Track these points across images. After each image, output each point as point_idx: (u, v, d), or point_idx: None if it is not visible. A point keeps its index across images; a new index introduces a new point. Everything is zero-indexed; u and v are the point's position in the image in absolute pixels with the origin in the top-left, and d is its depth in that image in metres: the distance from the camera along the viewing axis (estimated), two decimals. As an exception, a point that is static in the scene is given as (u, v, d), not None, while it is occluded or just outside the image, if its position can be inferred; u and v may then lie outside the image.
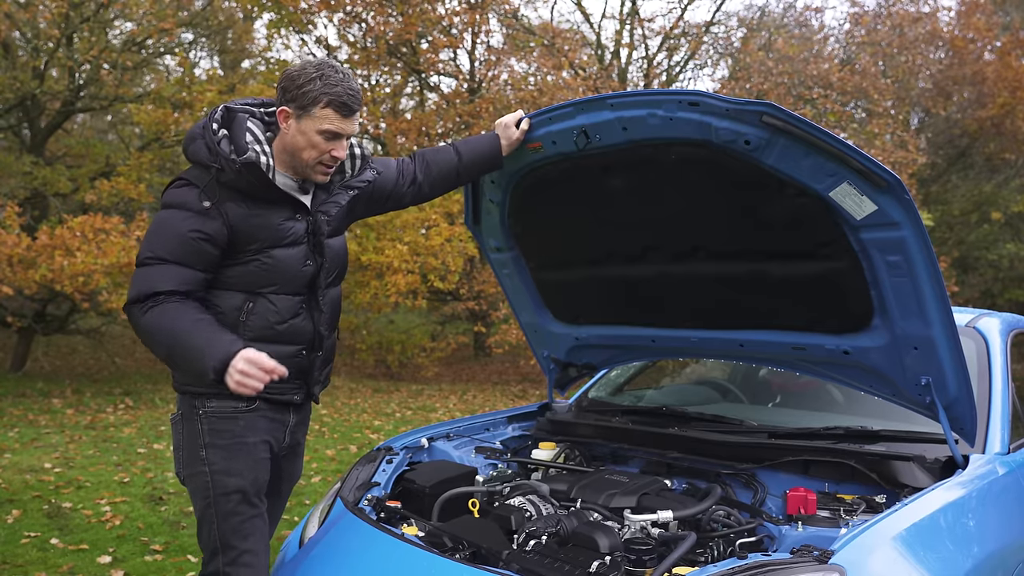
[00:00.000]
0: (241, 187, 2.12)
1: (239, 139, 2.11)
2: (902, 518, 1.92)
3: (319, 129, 2.13)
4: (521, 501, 2.37)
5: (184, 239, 2.08)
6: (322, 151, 2.16)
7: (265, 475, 2.23)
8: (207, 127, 2.14)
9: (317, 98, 2.10)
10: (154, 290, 2.06)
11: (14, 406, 8.64)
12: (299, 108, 2.12)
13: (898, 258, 2.14)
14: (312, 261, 2.25)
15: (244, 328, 2.16)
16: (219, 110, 2.17)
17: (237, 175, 2.09)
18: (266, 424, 2.23)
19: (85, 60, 10.95)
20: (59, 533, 4.44)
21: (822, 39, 16.55)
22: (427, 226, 11.97)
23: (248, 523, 2.17)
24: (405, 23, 13.11)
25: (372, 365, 14.07)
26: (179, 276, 2.08)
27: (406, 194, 2.52)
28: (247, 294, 2.17)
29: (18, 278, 8.51)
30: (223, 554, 2.15)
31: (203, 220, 2.09)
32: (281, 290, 2.20)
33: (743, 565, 1.74)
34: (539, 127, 2.54)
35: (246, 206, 2.14)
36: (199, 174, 2.13)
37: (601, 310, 3.03)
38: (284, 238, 2.19)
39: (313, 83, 2.10)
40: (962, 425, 2.33)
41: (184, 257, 2.09)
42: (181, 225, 2.09)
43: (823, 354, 2.52)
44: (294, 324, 2.24)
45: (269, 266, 2.18)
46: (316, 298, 2.29)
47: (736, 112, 2.10)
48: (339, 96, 2.11)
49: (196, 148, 2.14)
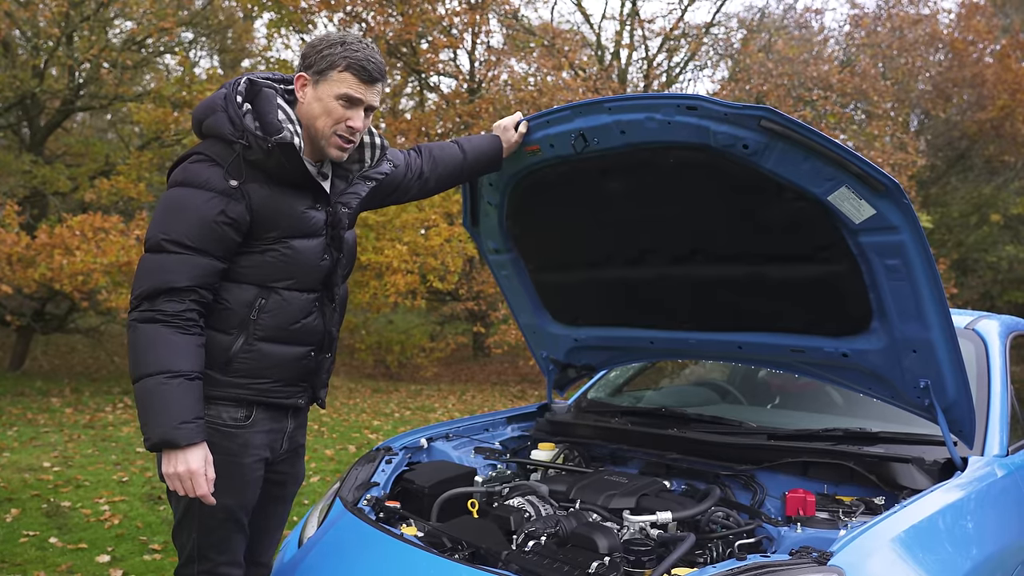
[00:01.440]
0: (268, 168, 1.97)
1: (269, 115, 1.96)
2: (901, 520, 1.92)
3: (336, 93, 2.00)
4: (520, 502, 2.37)
5: (206, 222, 1.91)
6: (337, 119, 2.02)
7: (256, 492, 2.13)
8: (230, 98, 1.97)
9: (336, 62, 1.99)
10: (169, 285, 1.88)
11: (13, 405, 8.63)
12: (317, 73, 2.01)
13: (896, 262, 2.14)
14: (328, 256, 2.12)
15: (255, 327, 2.02)
16: (242, 81, 2.00)
17: (267, 154, 1.94)
18: (263, 439, 2.10)
19: (85, 59, 10.95)
20: (58, 532, 4.44)
21: (822, 41, 16.57)
22: (426, 226, 11.97)
23: (231, 538, 2.10)
24: (405, 23, 13.11)
25: (371, 365, 14.07)
26: (197, 268, 1.91)
27: (411, 188, 2.44)
28: (260, 288, 2.02)
29: (17, 277, 8.51)
30: (198, 563, 2.09)
31: (227, 202, 1.92)
32: (296, 285, 2.06)
33: (742, 566, 1.74)
34: (537, 130, 2.54)
35: (270, 188, 1.99)
36: (220, 150, 1.96)
37: (600, 312, 3.03)
38: (305, 228, 2.05)
39: (334, 48, 2.00)
40: (961, 427, 2.34)
41: (206, 243, 1.91)
42: (204, 207, 1.91)
43: (821, 356, 2.52)
44: (307, 324, 2.10)
45: (287, 257, 2.03)
46: (330, 295, 2.17)
47: (734, 116, 2.10)
48: (358, 60, 2.00)
49: (217, 121, 1.97)
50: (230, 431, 2.04)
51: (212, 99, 2.02)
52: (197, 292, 1.93)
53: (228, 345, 2.01)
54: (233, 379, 2.02)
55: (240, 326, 2.01)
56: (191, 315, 1.92)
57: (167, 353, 1.88)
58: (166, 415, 1.86)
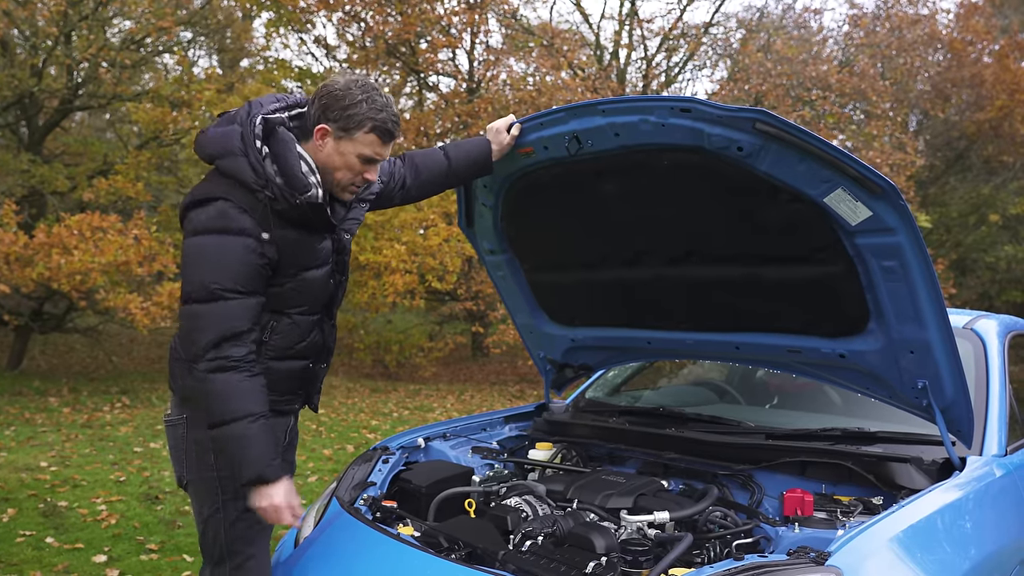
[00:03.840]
0: (292, 217, 2.05)
1: (292, 167, 2.01)
2: (899, 520, 1.92)
3: (359, 153, 2.07)
4: (517, 501, 2.37)
5: (251, 265, 1.99)
6: (356, 173, 2.11)
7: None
8: (248, 142, 2.00)
9: (362, 122, 2.04)
10: (235, 331, 1.97)
11: (10, 404, 8.63)
12: (341, 129, 2.05)
13: (893, 263, 2.14)
14: (333, 279, 2.25)
15: (267, 348, 2.13)
16: (259, 124, 2.02)
17: (292, 207, 2.02)
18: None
19: (83, 58, 10.93)
20: (55, 532, 4.44)
21: (821, 41, 16.58)
22: (425, 226, 11.97)
23: (253, 527, 2.17)
24: (404, 23, 13.12)
25: (370, 365, 14.07)
26: (252, 309, 2.01)
27: (394, 197, 2.52)
28: (272, 313, 2.12)
29: (15, 276, 8.50)
30: (229, 560, 2.16)
31: (264, 245, 2.01)
32: (307, 311, 2.18)
33: (739, 566, 1.74)
34: (530, 132, 2.53)
35: (294, 232, 2.08)
36: (245, 198, 2.00)
37: (596, 312, 3.03)
38: (317, 259, 2.16)
39: (359, 106, 2.02)
40: (959, 427, 2.34)
41: (255, 285, 2.01)
42: (250, 254, 1.99)
43: (819, 357, 2.52)
44: (311, 341, 2.23)
45: (301, 287, 2.14)
46: (330, 314, 2.30)
47: (729, 119, 2.09)
48: (384, 123, 2.05)
49: (237, 166, 2.00)
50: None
51: (227, 137, 2.03)
52: (255, 332, 2.05)
53: None
54: None
55: (256, 348, 2.10)
56: (253, 357, 2.02)
57: (244, 399, 1.99)
58: (258, 455, 1.99)
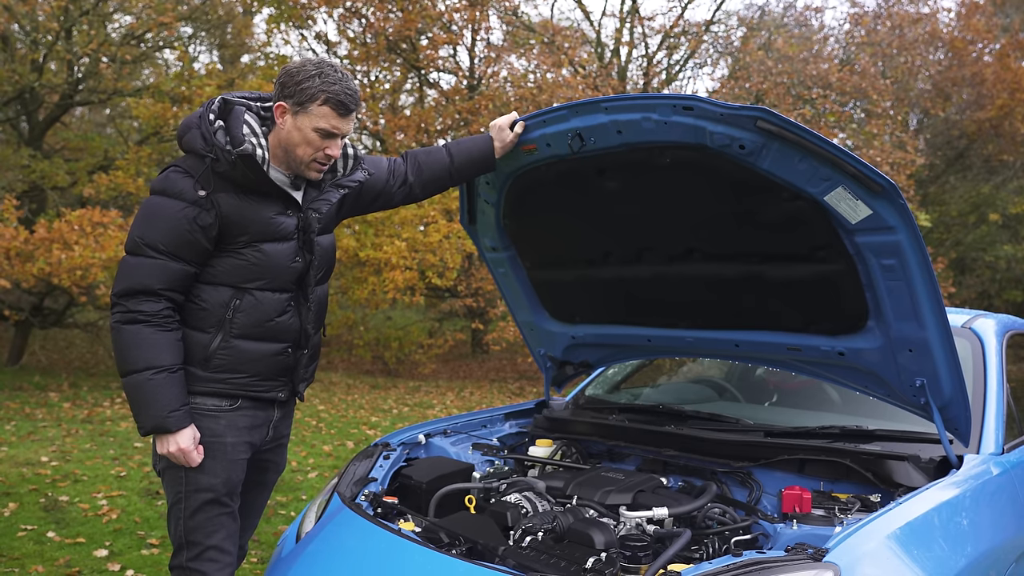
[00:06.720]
0: (235, 178, 2.13)
1: (235, 130, 2.11)
2: (896, 517, 1.93)
3: (315, 127, 2.14)
4: (517, 498, 2.38)
5: (178, 229, 2.09)
6: (316, 148, 2.17)
7: (240, 475, 2.26)
8: (203, 117, 2.14)
9: (315, 95, 2.12)
10: (145, 287, 2.08)
11: (11, 399, 8.64)
12: (296, 104, 2.14)
13: (893, 261, 2.15)
14: (301, 258, 2.26)
15: (231, 325, 2.17)
16: (216, 101, 2.17)
17: (232, 166, 2.10)
18: (248, 422, 2.25)
19: (84, 53, 10.93)
20: (56, 526, 4.45)
21: (822, 39, 16.56)
22: (425, 223, 11.96)
23: (215, 520, 2.19)
24: (405, 19, 13.10)
25: (369, 361, 14.08)
26: (169, 272, 2.10)
27: (396, 195, 2.54)
28: (234, 289, 2.18)
29: (15, 271, 8.50)
30: (187, 549, 2.19)
31: (198, 211, 2.10)
32: (268, 285, 2.21)
33: (738, 562, 1.75)
34: (533, 129, 2.54)
35: (238, 197, 2.15)
36: (194, 163, 2.13)
37: (597, 310, 3.04)
38: (275, 232, 2.20)
39: (312, 80, 2.11)
40: (956, 426, 2.35)
41: (177, 248, 2.10)
42: (176, 215, 2.09)
43: (818, 355, 2.53)
44: (281, 322, 2.25)
45: (258, 260, 2.18)
46: (304, 295, 2.31)
47: (731, 117, 2.10)
48: (337, 95, 2.12)
49: (191, 137, 2.14)
50: (212, 414, 2.21)
51: (190, 117, 2.19)
52: (170, 294, 2.12)
53: (207, 343, 2.18)
54: (214, 375, 2.20)
55: (217, 325, 2.18)
56: (167, 312, 2.12)
57: (150, 350, 2.09)
58: (156, 406, 2.08)
